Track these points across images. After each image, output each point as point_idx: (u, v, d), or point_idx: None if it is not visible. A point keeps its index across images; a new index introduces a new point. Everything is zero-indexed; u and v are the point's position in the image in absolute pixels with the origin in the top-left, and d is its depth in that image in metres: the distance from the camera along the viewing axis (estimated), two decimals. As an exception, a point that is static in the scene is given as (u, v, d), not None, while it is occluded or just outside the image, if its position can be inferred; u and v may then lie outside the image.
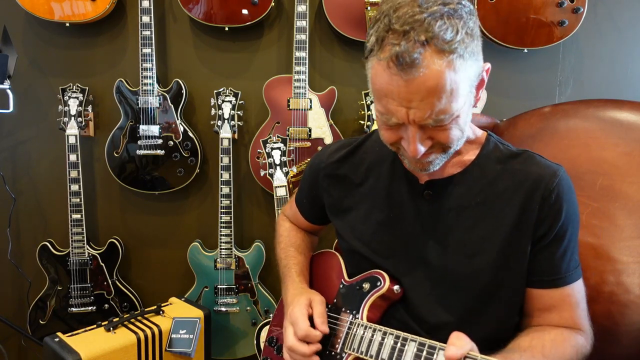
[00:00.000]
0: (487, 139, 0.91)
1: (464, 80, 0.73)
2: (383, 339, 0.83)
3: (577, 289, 0.87)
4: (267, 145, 1.72)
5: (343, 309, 0.94)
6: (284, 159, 1.72)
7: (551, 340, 0.82)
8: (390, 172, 0.95)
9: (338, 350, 0.89)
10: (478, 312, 0.87)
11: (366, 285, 0.92)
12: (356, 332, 0.88)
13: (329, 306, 0.97)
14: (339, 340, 0.90)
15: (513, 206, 0.84)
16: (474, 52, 0.73)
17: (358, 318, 0.90)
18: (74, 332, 1.49)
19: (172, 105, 1.85)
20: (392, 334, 0.82)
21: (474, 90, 0.78)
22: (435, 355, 0.73)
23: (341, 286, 0.99)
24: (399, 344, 0.80)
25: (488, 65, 0.81)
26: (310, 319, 0.92)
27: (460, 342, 0.71)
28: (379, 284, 0.90)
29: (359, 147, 1.02)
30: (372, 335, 0.85)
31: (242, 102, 1.87)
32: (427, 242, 0.89)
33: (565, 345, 0.82)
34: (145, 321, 1.58)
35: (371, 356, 0.83)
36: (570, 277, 0.85)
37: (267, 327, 1.81)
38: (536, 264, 0.85)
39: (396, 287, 0.89)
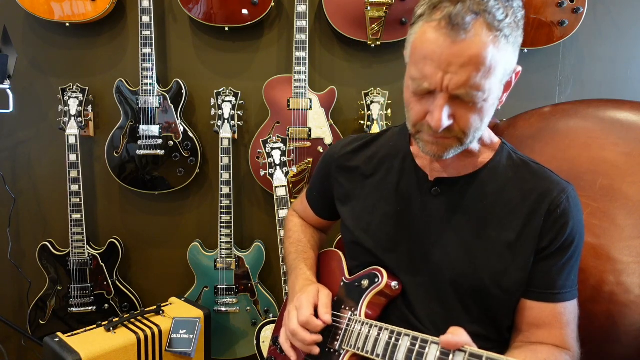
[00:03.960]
0: (501, 146, 0.92)
1: (502, 63, 0.75)
2: (379, 334, 0.83)
3: (570, 309, 0.86)
4: (267, 145, 1.72)
5: (343, 306, 0.94)
6: (284, 159, 1.72)
7: (543, 359, 0.81)
8: (401, 166, 0.96)
9: (337, 347, 0.90)
10: (474, 312, 0.87)
11: (365, 282, 0.92)
12: (354, 328, 0.88)
13: None
14: (338, 337, 0.91)
15: (519, 215, 0.84)
16: (516, 43, 0.76)
17: (357, 315, 0.90)
18: (74, 332, 1.49)
19: (172, 105, 1.85)
20: (387, 329, 0.82)
21: (504, 83, 0.79)
22: (427, 349, 0.74)
23: (342, 283, 0.99)
24: (393, 339, 0.80)
25: (519, 68, 0.82)
26: (315, 310, 0.92)
27: (458, 332, 0.71)
28: (377, 280, 0.90)
29: (373, 141, 1.03)
30: (369, 332, 0.85)
31: (242, 102, 1.88)
32: (430, 239, 0.89)
33: None
34: (145, 321, 1.58)
35: (367, 352, 0.83)
36: (565, 295, 0.85)
37: (268, 326, 1.81)
38: (533, 275, 0.85)
39: (394, 284, 0.90)
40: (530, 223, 0.83)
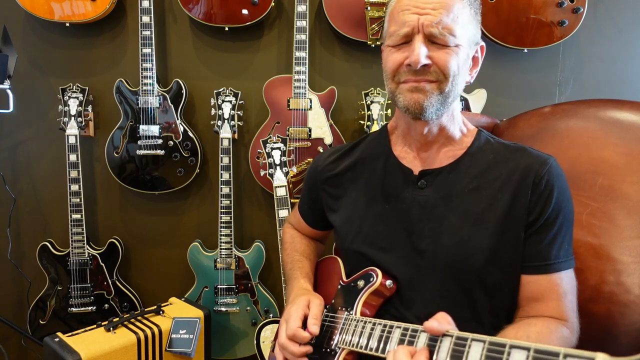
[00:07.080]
0: (478, 133, 0.96)
1: (466, 23, 0.86)
2: (372, 329, 0.85)
3: (566, 280, 0.87)
4: (267, 145, 1.72)
5: (339, 307, 0.96)
6: (284, 159, 1.72)
7: (536, 332, 0.82)
8: (385, 166, 0.98)
9: (333, 346, 0.91)
10: (472, 300, 0.88)
11: (360, 283, 0.94)
12: (349, 326, 0.90)
13: (327, 306, 0.99)
14: (334, 337, 0.92)
15: (505, 193, 0.87)
16: (477, 17, 0.89)
17: (352, 314, 0.92)
18: (74, 332, 1.49)
19: (172, 105, 1.85)
20: (380, 324, 0.84)
21: (472, 49, 0.90)
22: (417, 338, 0.75)
23: (339, 286, 1.00)
24: (385, 332, 0.82)
25: (483, 43, 0.94)
26: (305, 319, 0.94)
27: (442, 317, 0.74)
28: (372, 279, 0.92)
29: (354, 147, 1.07)
30: (363, 328, 0.87)
31: (242, 102, 1.88)
32: (422, 231, 0.91)
33: (551, 337, 0.83)
34: (145, 321, 1.58)
35: (361, 347, 0.85)
36: (559, 265, 0.86)
37: (268, 326, 1.81)
38: (526, 250, 0.86)
39: (388, 282, 0.91)
40: (518, 199, 0.86)
